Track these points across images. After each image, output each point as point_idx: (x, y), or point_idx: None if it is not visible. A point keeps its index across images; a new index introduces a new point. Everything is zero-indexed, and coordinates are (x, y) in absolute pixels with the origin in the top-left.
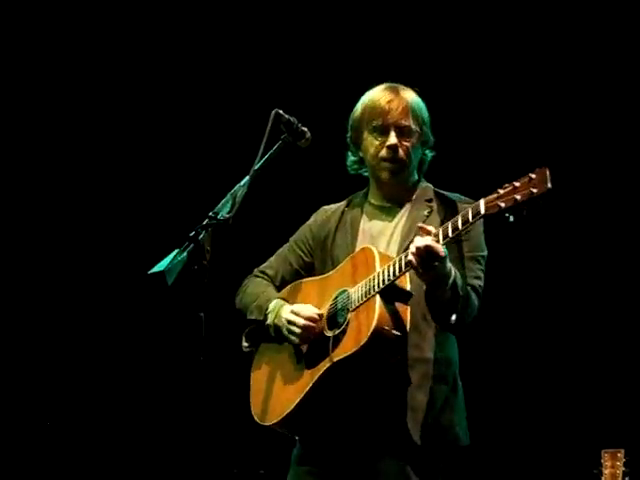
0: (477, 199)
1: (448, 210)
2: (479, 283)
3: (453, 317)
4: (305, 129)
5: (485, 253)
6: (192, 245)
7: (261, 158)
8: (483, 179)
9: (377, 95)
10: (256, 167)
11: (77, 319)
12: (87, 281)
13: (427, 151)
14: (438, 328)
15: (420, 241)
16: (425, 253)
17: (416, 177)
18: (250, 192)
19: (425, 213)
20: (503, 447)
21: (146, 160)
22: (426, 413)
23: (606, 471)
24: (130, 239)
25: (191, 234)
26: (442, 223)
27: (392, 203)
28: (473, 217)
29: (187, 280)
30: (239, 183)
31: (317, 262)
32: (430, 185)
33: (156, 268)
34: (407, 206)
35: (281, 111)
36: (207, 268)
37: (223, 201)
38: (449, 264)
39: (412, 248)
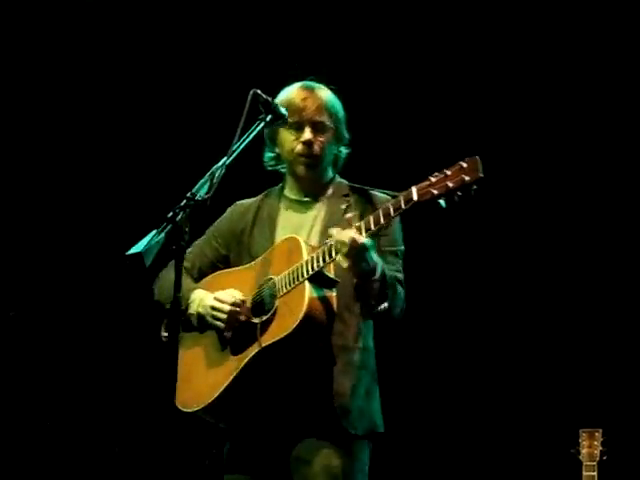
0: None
1: (366, 203)
2: (401, 276)
3: (384, 305)
4: (283, 110)
5: (403, 248)
6: (170, 226)
7: (239, 139)
8: (398, 175)
9: (292, 93)
10: (234, 147)
11: (55, 302)
12: (65, 264)
13: (342, 148)
14: (360, 317)
15: (340, 235)
16: (350, 245)
17: (331, 173)
18: (228, 173)
19: (343, 207)
20: (482, 426)
21: (123, 141)
22: (352, 399)
23: (583, 450)
24: (108, 220)
25: (169, 215)
26: (361, 217)
27: (309, 197)
28: (405, 204)
29: (165, 261)
30: (217, 164)
31: (233, 255)
32: (345, 180)
33: (134, 249)
34: (324, 200)
35: (259, 91)
36: (185, 249)
37: (201, 182)
38: (375, 255)
39: (332, 240)
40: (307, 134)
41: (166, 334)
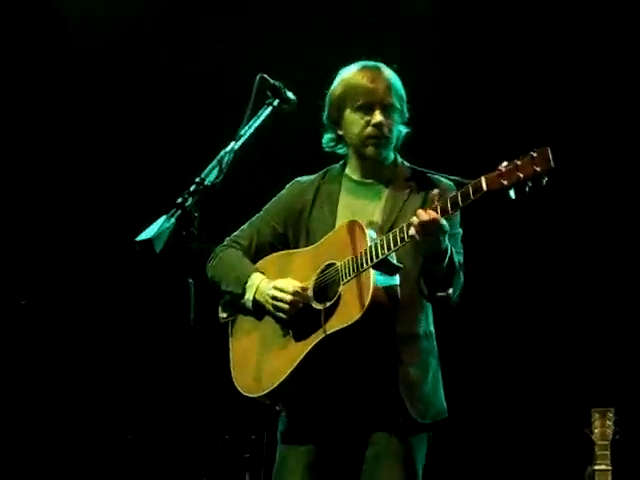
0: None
1: (429, 189)
2: (461, 260)
3: (450, 291)
4: (291, 94)
5: (461, 232)
6: (180, 212)
7: (247, 123)
8: (462, 161)
9: (359, 74)
10: (242, 132)
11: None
12: (75, 250)
13: (402, 127)
14: (423, 303)
15: (425, 215)
16: (430, 227)
17: (393, 154)
18: (236, 158)
19: (406, 192)
20: (493, 407)
21: (131, 128)
22: (421, 388)
23: (596, 430)
24: (117, 206)
25: (178, 200)
26: (424, 201)
27: (372, 180)
28: (474, 194)
29: (175, 247)
30: (225, 149)
31: (291, 234)
32: (407, 163)
33: (144, 235)
34: (387, 183)
35: (266, 76)
36: (195, 234)
37: (209, 167)
38: (447, 239)
39: (415, 221)
40: (378, 116)
41: (224, 315)
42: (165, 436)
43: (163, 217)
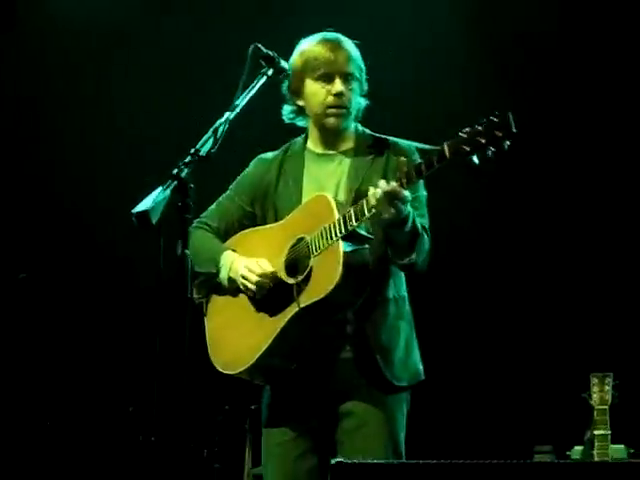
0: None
1: (391, 154)
2: (426, 222)
3: (413, 256)
4: (285, 63)
5: (425, 194)
6: (175, 182)
7: (241, 93)
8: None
9: (319, 45)
10: (237, 102)
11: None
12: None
13: (362, 99)
14: (393, 269)
15: (386, 186)
16: (390, 197)
17: (354, 124)
18: (231, 127)
19: (369, 159)
20: (491, 373)
21: (126, 100)
22: (394, 352)
23: (595, 395)
24: (112, 177)
25: (173, 172)
26: (387, 168)
27: (334, 151)
28: (438, 161)
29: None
30: (220, 119)
31: (259, 211)
32: (367, 130)
33: (140, 207)
34: (349, 153)
35: (260, 45)
36: (191, 205)
37: (205, 137)
38: (409, 206)
39: (377, 193)
40: (338, 85)
41: (198, 295)
42: (165, 408)
43: (159, 188)
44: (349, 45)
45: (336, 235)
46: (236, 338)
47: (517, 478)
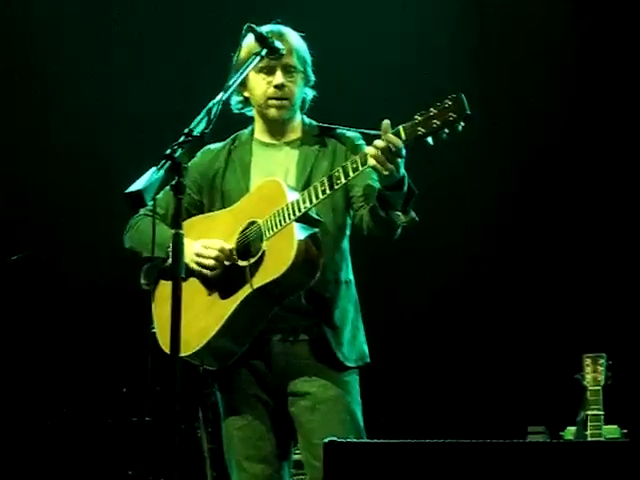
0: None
1: (337, 143)
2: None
3: (412, 214)
4: (279, 43)
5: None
6: (169, 162)
7: (234, 73)
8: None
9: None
10: (230, 82)
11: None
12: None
13: (308, 90)
14: (341, 252)
15: (381, 142)
16: (390, 151)
17: (299, 115)
18: (225, 107)
19: (316, 149)
20: (483, 354)
21: (122, 81)
22: (343, 332)
23: (588, 376)
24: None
25: (167, 152)
26: (334, 155)
27: (280, 140)
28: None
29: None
30: (213, 100)
31: (206, 200)
32: (313, 121)
33: (133, 187)
34: (296, 142)
35: (254, 25)
36: (184, 185)
37: (198, 118)
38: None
39: (372, 150)
40: (279, 77)
41: (145, 281)
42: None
43: (152, 169)
44: (292, 37)
45: (289, 218)
46: (186, 321)
47: (510, 458)
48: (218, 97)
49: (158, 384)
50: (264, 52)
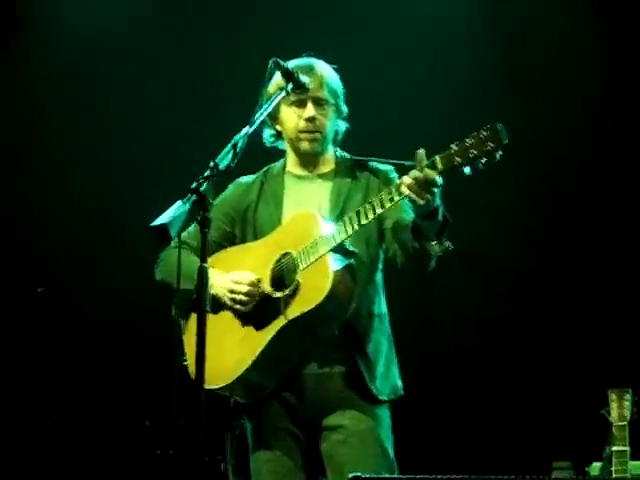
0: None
1: (370, 175)
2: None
3: (447, 243)
4: (304, 78)
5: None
6: (195, 196)
7: (260, 107)
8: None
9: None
10: (256, 116)
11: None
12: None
13: (341, 122)
14: (376, 285)
15: (417, 172)
16: (426, 183)
17: (332, 148)
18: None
19: (349, 182)
20: (511, 387)
21: (145, 114)
22: (376, 365)
23: (613, 411)
24: (134, 192)
25: (193, 185)
26: (367, 188)
27: (313, 173)
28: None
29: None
30: (239, 133)
31: (238, 232)
32: (346, 154)
33: (159, 220)
34: (329, 175)
35: (280, 60)
36: (209, 219)
37: (224, 151)
38: (439, 196)
39: (407, 180)
40: (310, 111)
41: (177, 313)
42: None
43: (178, 202)
44: (323, 69)
45: (324, 248)
46: (219, 353)
47: None
48: (244, 131)
49: (182, 417)
50: (290, 87)
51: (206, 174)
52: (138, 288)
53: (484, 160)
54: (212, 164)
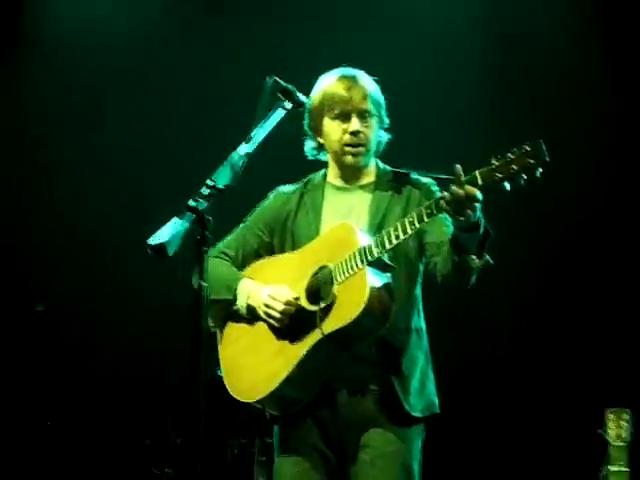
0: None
1: (411, 188)
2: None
3: (488, 257)
4: (303, 96)
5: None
6: (193, 215)
7: (258, 125)
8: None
9: (336, 83)
10: (253, 134)
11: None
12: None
13: (383, 133)
14: (414, 299)
15: (457, 188)
16: (467, 198)
17: (374, 159)
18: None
19: (389, 195)
20: (504, 407)
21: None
22: (411, 381)
23: (611, 431)
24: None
25: (191, 204)
26: (408, 201)
27: (354, 185)
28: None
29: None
30: (236, 150)
31: (277, 242)
32: (387, 166)
33: (156, 238)
34: (370, 186)
35: (278, 78)
36: (210, 238)
37: (220, 169)
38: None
39: (448, 196)
40: (355, 124)
41: (212, 323)
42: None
43: (174, 219)
44: (366, 81)
45: (361, 262)
46: (254, 366)
47: None
48: (241, 149)
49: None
50: (288, 105)
51: (205, 192)
52: (137, 307)
53: (525, 176)
54: (211, 183)
